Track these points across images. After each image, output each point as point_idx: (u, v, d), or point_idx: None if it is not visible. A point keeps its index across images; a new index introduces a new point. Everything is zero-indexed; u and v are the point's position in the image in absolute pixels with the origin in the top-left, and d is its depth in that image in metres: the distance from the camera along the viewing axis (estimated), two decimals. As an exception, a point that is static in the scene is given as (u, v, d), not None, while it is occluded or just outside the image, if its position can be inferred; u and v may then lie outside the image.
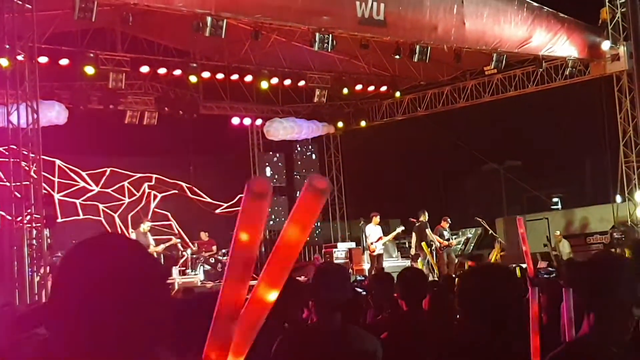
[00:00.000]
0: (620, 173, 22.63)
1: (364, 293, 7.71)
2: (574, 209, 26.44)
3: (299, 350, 4.33)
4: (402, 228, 22.08)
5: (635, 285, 3.25)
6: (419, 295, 5.96)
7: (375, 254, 21.29)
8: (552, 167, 31.30)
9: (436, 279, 15.86)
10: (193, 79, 21.17)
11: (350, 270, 21.16)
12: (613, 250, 19.58)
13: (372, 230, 21.47)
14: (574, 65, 22.62)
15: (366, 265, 21.92)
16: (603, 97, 22.95)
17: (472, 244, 26.07)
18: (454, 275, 14.10)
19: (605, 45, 22.35)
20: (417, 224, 21.67)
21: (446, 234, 21.75)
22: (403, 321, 5.75)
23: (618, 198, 22.94)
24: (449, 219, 22.09)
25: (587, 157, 31.58)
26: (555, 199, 33.03)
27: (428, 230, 21.36)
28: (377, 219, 21.61)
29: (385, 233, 21.91)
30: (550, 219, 25.61)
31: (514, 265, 14.65)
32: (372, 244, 21.27)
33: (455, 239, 23.58)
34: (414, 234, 21.63)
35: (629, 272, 3.27)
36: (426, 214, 21.74)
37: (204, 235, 22.43)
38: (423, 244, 20.68)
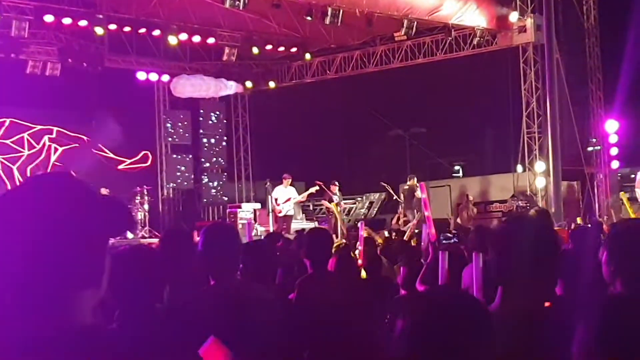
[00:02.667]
0: (522, 143, 23.11)
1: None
2: (475, 177, 26.92)
3: (199, 315, 4.23)
4: (317, 188, 22.02)
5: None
6: (323, 256, 5.92)
7: (282, 215, 21.23)
8: (455, 135, 31.72)
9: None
10: (99, 30, 20.60)
11: (255, 232, 21.08)
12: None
13: (281, 192, 21.41)
14: (481, 35, 22.92)
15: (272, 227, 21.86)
16: (508, 68, 23.31)
17: (376, 209, 26.27)
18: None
19: (513, 16, 22.67)
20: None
21: (336, 198, 21.74)
22: (309, 282, 5.71)
23: (519, 168, 23.45)
24: (337, 183, 22.05)
25: (490, 127, 32.10)
26: (456, 167, 33.54)
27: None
28: (288, 181, 21.56)
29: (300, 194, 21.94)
30: (452, 186, 26.03)
31: (416, 231, 14.83)
32: (279, 205, 21.20)
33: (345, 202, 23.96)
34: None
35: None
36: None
37: (104, 191, 21.96)
38: (333, 204, 20.74)
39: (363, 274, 7.06)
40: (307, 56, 25.32)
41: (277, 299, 4.80)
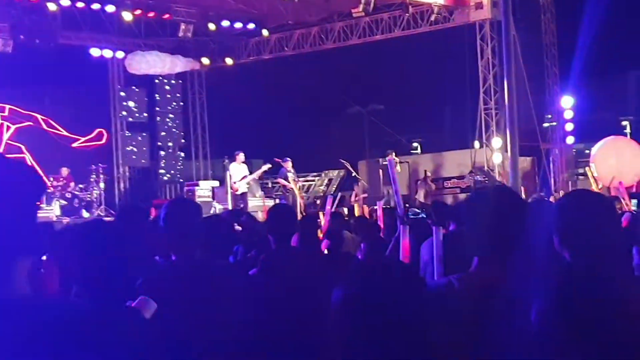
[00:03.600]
0: (479, 120, 23.21)
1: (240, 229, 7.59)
2: (433, 154, 27.02)
3: (161, 291, 4.15)
4: (269, 166, 21.92)
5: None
6: (287, 231, 5.86)
7: (238, 193, 21.09)
8: (413, 112, 31.80)
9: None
10: (52, 6, 20.26)
11: (214, 209, 20.96)
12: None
13: (236, 169, 21.25)
14: (439, 12, 22.91)
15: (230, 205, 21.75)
16: (465, 45, 23.36)
17: (335, 186, 26.29)
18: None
19: (470, -7, 22.69)
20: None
21: (290, 175, 21.65)
22: (271, 258, 5.65)
23: (476, 144, 23.56)
24: (289, 159, 21.89)
25: (448, 103, 32.24)
26: (414, 144, 33.63)
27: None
28: (241, 157, 21.39)
29: (250, 172, 21.81)
30: (411, 163, 26.09)
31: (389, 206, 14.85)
32: (235, 182, 21.06)
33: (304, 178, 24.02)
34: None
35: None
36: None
37: (64, 171, 21.72)
38: (291, 179, 20.74)
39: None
40: (265, 32, 25.15)
41: (238, 274, 4.73)
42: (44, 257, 3.45)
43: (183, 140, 27.91)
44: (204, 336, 4.08)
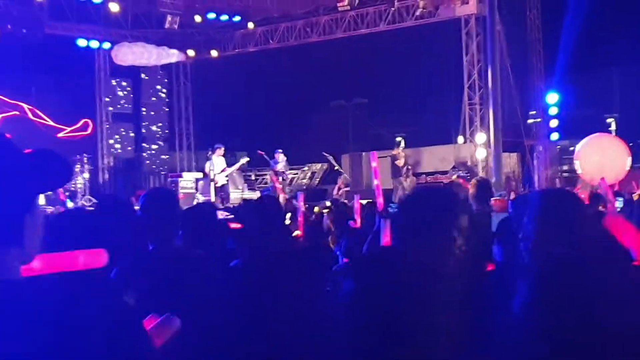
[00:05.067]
0: (463, 115, 23.28)
1: (232, 216, 7.61)
2: (417, 148, 27.06)
3: (138, 278, 4.20)
4: (247, 159, 22.00)
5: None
6: (272, 223, 5.89)
7: (218, 185, 21.14)
8: (397, 106, 31.86)
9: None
10: (38, -4, 20.23)
11: (196, 201, 20.99)
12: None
13: (216, 162, 21.30)
14: (424, 6, 22.95)
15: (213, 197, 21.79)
16: (451, 40, 23.43)
17: (318, 179, 26.33)
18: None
19: (456, -12, 22.75)
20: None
21: (281, 165, 21.73)
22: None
23: (460, 139, 23.63)
24: (281, 150, 21.99)
25: (432, 98, 32.32)
26: (398, 138, 33.72)
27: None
28: (221, 150, 21.44)
29: (232, 165, 21.87)
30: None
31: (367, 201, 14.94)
32: (215, 175, 21.10)
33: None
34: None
35: None
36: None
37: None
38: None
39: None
40: (250, 25, 25.15)
41: (217, 265, 4.77)
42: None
43: (167, 132, 27.92)
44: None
